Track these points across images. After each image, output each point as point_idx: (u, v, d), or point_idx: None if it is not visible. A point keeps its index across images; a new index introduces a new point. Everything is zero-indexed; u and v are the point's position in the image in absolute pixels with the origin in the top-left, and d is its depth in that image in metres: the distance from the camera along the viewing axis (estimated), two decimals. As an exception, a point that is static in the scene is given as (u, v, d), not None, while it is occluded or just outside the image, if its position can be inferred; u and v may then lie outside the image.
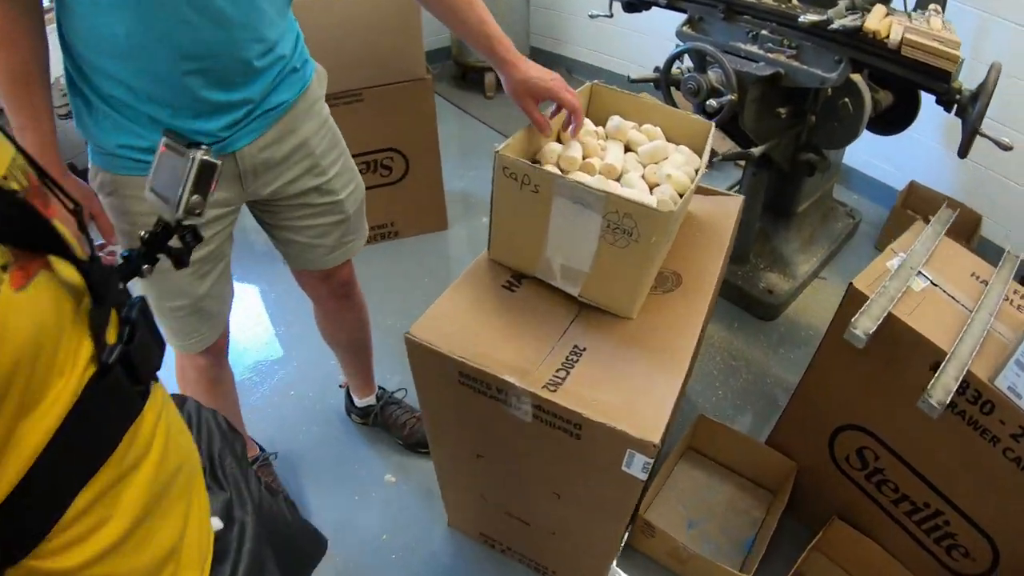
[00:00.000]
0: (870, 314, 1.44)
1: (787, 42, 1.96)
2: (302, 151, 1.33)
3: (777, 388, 2.27)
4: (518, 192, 1.27)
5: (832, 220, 2.79)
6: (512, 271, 1.42)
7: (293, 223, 1.43)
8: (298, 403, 2.24)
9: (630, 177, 1.36)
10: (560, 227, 1.27)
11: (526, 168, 1.23)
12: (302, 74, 1.30)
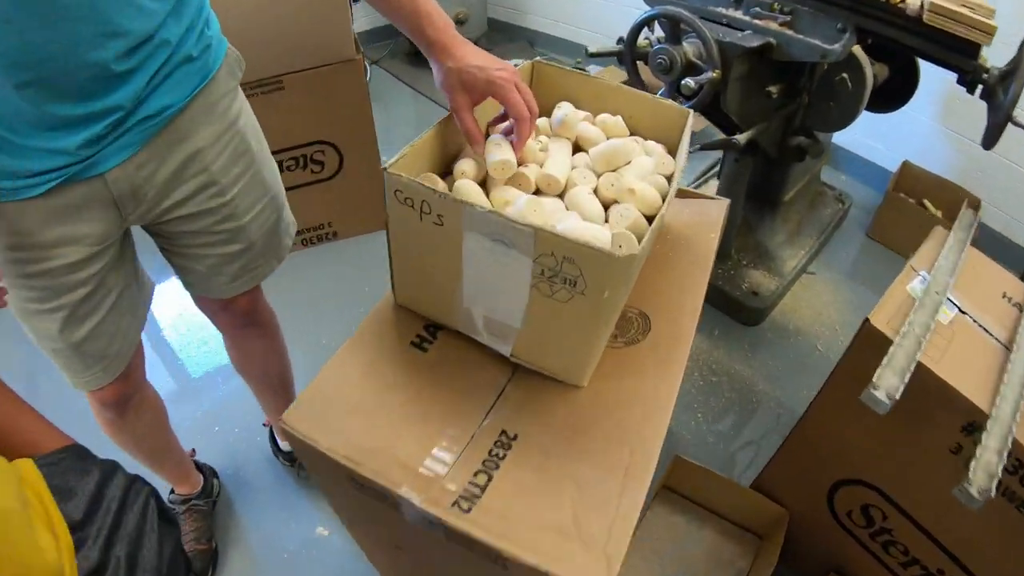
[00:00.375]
0: (894, 366, 1.07)
1: (778, 6, 1.52)
2: (195, 165, 1.02)
3: (764, 407, 1.89)
4: (418, 224, 0.88)
5: (820, 206, 2.38)
6: (425, 319, 1.02)
7: (187, 251, 1.14)
8: (222, 441, 1.86)
9: (577, 194, 0.95)
10: (477, 272, 0.88)
11: (424, 193, 0.84)
12: (202, 64, 0.99)
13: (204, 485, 1.65)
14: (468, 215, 0.82)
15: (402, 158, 0.90)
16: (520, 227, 0.79)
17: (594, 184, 1.00)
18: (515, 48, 3.67)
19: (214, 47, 1.01)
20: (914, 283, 1.28)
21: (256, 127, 1.17)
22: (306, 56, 1.87)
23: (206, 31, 0.99)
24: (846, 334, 2.11)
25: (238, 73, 1.10)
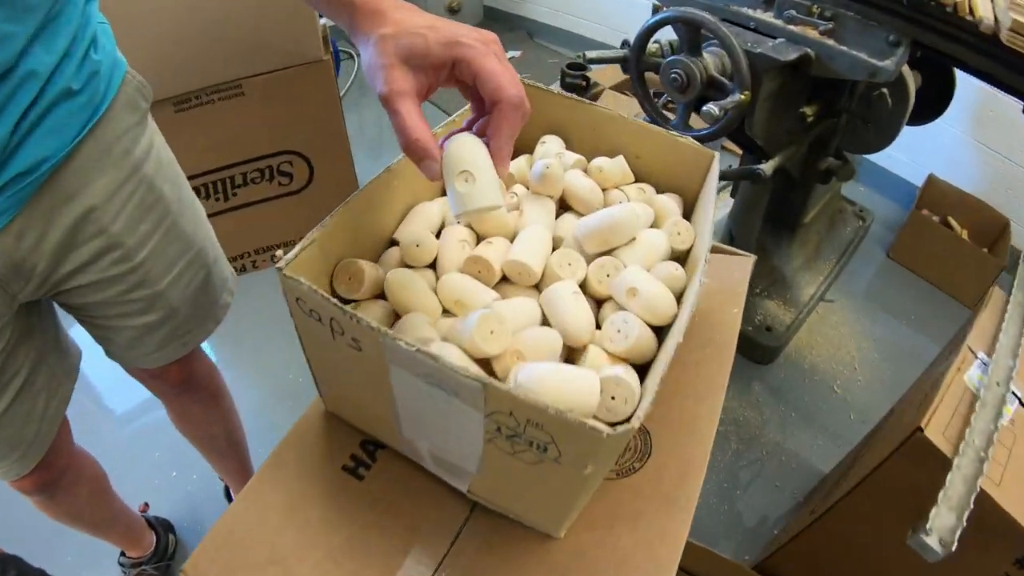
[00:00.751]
0: (952, 500, 0.87)
1: (818, 9, 1.18)
2: (90, 227, 0.75)
3: (774, 460, 1.59)
4: (331, 341, 0.57)
5: (840, 224, 2.05)
6: (362, 434, 0.73)
7: (101, 322, 0.89)
8: (179, 489, 1.58)
9: (558, 296, 0.64)
10: (414, 410, 0.59)
11: (330, 309, 0.54)
12: (88, 98, 0.71)
13: (157, 546, 1.40)
14: (389, 349, 0.52)
15: (310, 246, 0.60)
16: (462, 379, 0.48)
17: (582, 274, 0.68)
18: (513, 38, 3.30)
19: (104, 74, 0.72)
20: (972, 371, 1.03)
21: (172, 167, 0.88)
22: (267, 58, 1.54)
23: (92, 55, 0.70)
24: (865, 373, 1.80)
25: (143, 104, 0.80)
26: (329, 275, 0.69)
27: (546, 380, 0.55)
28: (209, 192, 1.70)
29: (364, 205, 0.70)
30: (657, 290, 0.65)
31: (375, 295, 0.70)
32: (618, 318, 0.64)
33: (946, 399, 0.99)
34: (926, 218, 2.15)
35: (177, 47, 1.47)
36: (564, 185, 0.76)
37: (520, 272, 0.67)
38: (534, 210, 0.73)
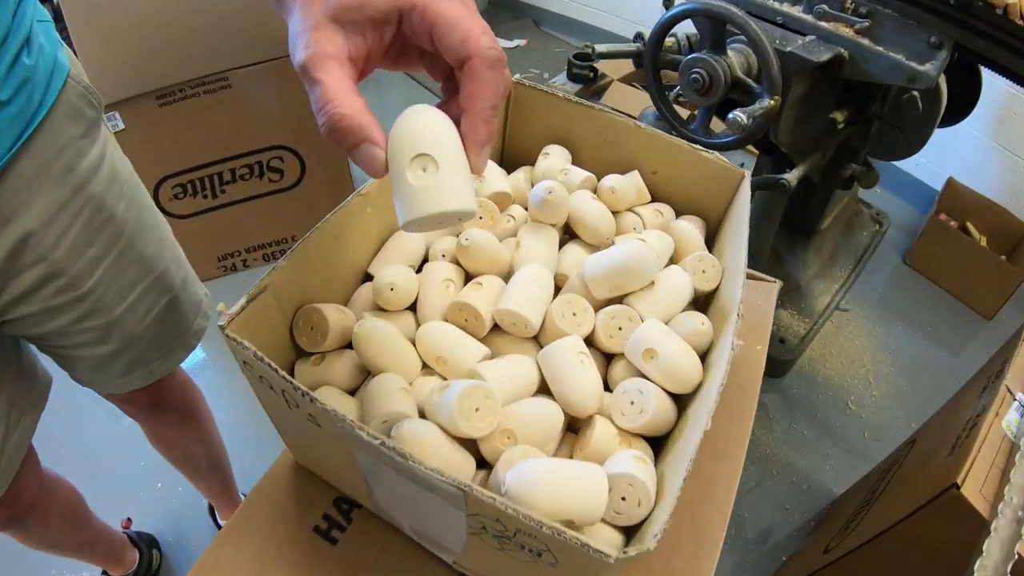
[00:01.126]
0: (986, 571, 0.73)
1: (852, 4, 1.03)
2: (28, 254, 0.63)
3: (783, 482, 1.46)
4: (288, 411, 0.43)
5: (857, 229, 1.90)
6: (336, 490, 0.61)
7: (57, 351, 0.77)
8: (164, 503, 1.45)
9: (559, 355, 0.52)
10: (388, 491, 0.46)
11: (279, 381, 0.41)
12: (20, 109, 0.58)
13: (140, 563, 1.29)
14: (351, 437, 0.39)
15: (260, 295, 0.47)
16: (437, 482, 0.35)
17: (590, 327, 0.54)
18: (519, 26, 3.11)
19: (40, 81, 0.59)
20: (1011, 415, 0.91)
21: (130, 183, 0.75)
22: (255, 48, 1.40)
23: (23, 59, 0.57)
24: (880, 388, 1.67)
25: (89, 112, 0.67)
26: (288, 323, 0.55)
27: (542, 484, 0.42)
28: (196, 189, 1.56)
29: (328, 239, 0.56)
30: (680, 353, 0.51)
31: (344, 344, 0.57)
32: (632, 387, 0.51)
33: (983, 450, 0.88)
34: (944, 224, 1.99)
35: (158, 38, 1.32)
36: (570, 209, 0.63)
37: (515, 323, 0.54)
38: (533, 243, 0.59)
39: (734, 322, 0.53)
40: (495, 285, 0.56)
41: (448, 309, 0.55)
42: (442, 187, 0.36)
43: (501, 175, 0.69)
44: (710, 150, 0.70)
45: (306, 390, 0.43)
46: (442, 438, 0.46)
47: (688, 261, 0.62)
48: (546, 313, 0.54)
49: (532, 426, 0.48)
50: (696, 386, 0.53)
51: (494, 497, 0.39)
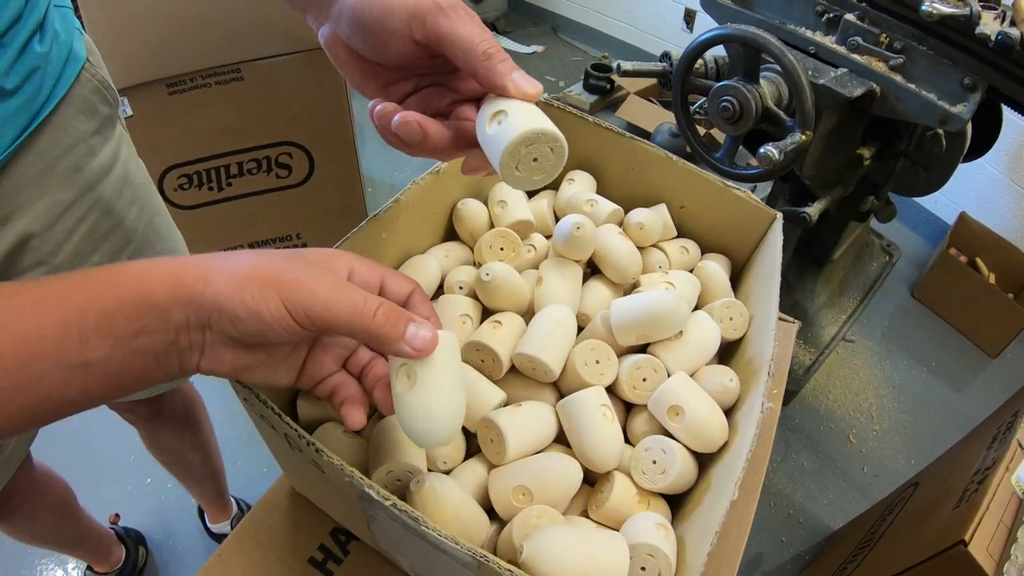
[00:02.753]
0: None
1: (887, 39, 1.00)
2: (28, 257, 0.58)
3: (781, 514, 1.43)
4: (290, 451, 0.39)
5: (867, 259, 1.87)
6: (333, 522, 0.58)
7: None
8: (152, 498, 1.41)
9: (580, 408, 0.49)
10: (392, 539, 0.42)
11: (281, 425, 0.37)
12: (26, 100, 0.53)
13: (126, 561, 1.26)
14: (360, 493, 0.36)
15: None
16: (451, 548, 0.32)
17: (613, 375, 0.51)
18: (537, 32, 3.08)
19: (52, 70, 0.55)
20: (1021, 471, 0.89)
21: (144, 189, 0.71)
22: (270, 42, 1.36)
23: (35, 45, 0.53)
24: (882, 423, 1.64)
25: (103, 108, 0.63)
26: (292, 353, 0.52)
27: (563, 555, 0.38)
28: (202, 181, 1.52)
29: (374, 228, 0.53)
30: (707, 413, 0.48)
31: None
32: (655, 445, 0.48)
33: (992, 507, 0.85)
34: (954, 259, 1.97)
35: (172, 25, 1.28)
36: (596, 246, 0.59)
37: (535, 368, 0.51)
38: (557, 281, 0.56)
39: (764, 381, 0.50)
40: (515, 325, 0.53)
41: (464, 348, 0.52)
42: (519, 119, 0.38)
43: (523, 201, 0.66)
44: (742, 187, 0.67)
45: (311, 439, 0.40)
46: (462, 496, 0.43)
47: (716, 308, 0.59)
48: (568, 359, 0.51)
49: (549, 484, 0.45)
50: (721, 445, 0.50)
51: (511, 570, 0.36)
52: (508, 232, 0.59)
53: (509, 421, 0.47)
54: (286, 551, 0.59)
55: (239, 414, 1.52)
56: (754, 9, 1.15)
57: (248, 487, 1.37)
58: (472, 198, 0.64)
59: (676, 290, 0.57)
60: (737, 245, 0.70)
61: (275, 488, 0.64)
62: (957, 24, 0.96)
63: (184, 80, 1.38)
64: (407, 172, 2.24)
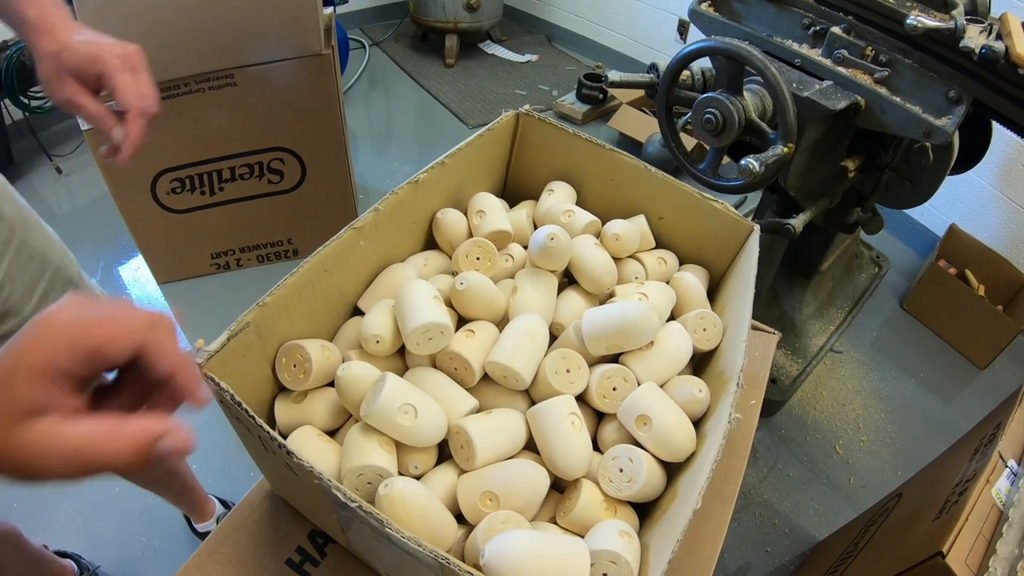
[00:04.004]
0: None
1: (872, 52, 1.02)
2: None
3: (767, 524, 1.44)
4: (265, 454, 0.40)
5: (856, 271, 1.89)
6: (311, 524, 0.59)
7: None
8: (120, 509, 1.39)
9: (549, 415, 0.51)
10: (364, 541, 0.43)
11: (258, 429, 0.39)
12: None
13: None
14: (329, 495, 0.37)
15: (242, 332, 0.45)
16: (414, 549, 0.33)
17: (583, 384, 0.52)
18: (532, 41, 3.09)
19: None
20: (1000, 483, 0.89)
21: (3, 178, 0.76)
22: (263, 48, 1.37)
23: None
24: (869, 433, 1.64)
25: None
26: (271, 359, 0.53)
27: (523, 559, 0.39)
28: (195, 185, 1.53)
29: (318, 273, 0.54)
30: (675, 423, 0.49)
31: (326, 382, 0.55)
32: (623, 454, 0.49)
33: (971, 518, 0.86)
34: (943, 271, 1.98)
35: (166, 30, 1.30)
36: (571, 255, 0.60)
37: (506, 376, 0.51)
38: (531, 291, 0.57)
39: (733, 392, 0.51)
40: (488, 334, 0.53)
41: (438, 356, 0.52)
42: None
43: (502, 211, 0.67)
44: (720, 200, 0.68)
45: (283, 442, 0.41)
46: (429, 500, 0.44)
47: (690, 318, 0.60)
48: (539, 367, 0.52)
49: (516, 490, 0.46)
50: (688, 455, 0.51)
51: (471, 572, 0.37)
52: (484, 242, 0.60)
53: (479, 428, 0.48)
54: (264, 552, 0.60)
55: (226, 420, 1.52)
56: (742, 21, 1.17)
57: (236, 488, 1.37)
58: (452, 208, 0.65)
59: (649, 301, 0.58)
60: (715, 256, 0.71)
61: (255, 490, 0.65)
62: (942, 37, 0.97)
63: (178, 85, 1.39)
64: (399, 179, 2.24)
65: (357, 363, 0.51)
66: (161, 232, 1.61)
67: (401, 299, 0.52)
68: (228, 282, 1.78)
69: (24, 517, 1.34)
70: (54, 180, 2.22)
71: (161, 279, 1.73)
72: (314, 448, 0.51)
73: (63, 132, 2.41)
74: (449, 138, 2.53)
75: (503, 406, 0.52)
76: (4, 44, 1.93)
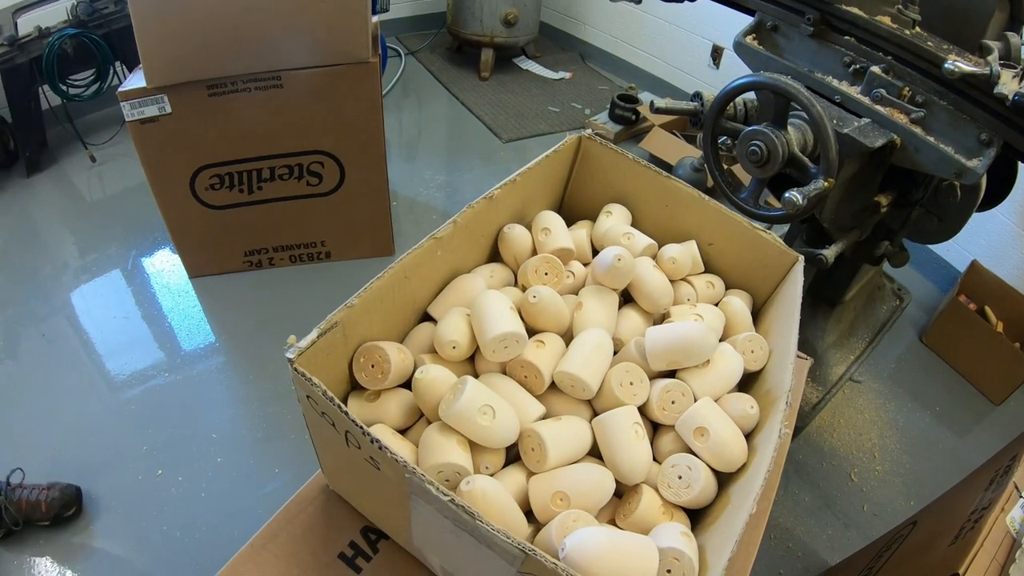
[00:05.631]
0: None
1: (909, 92, 1.07)
2: None
3: (780, 547, 1.48)
4: (344, 448, 0.45)
5: (878, 302, 1.93)
6: (365, 520, 0.63)
7: None
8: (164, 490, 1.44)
9: (614, 424, 0.56)
10: (432, 534, 0.48)
11: (345, 422, 0.44)
12: None
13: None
14: (415, 487, 0.41)
15: (331, 330, 0.49)
16: (500, 540, 0.38)
17: (644, 397, 0.57)
18: (566, 59, 3.16)
19: None
20: (1015, 512, 0.94)
21: None
22: (312, 52, 1.43)
23: None
24: (885, 463, 1.68)
25: None
26: (349, 357, 0.58)
27: (600, 553, 0.44)
28: (233, 182, 1.59)
29: (399, 279, 0.59)
30: (730, 435, 0.54)
31: (400, 383, 0.60)
32: (682, 462, 0.53)
33: (986, 544, 0.90)
34: (963, 306, 2.02)
35: (218, 29, 1.35)
36: (632, 276, 0.65)
37: (574, 385, 0.56)
38: (597, 307, 0.62)
39: (782, 410, 0.55)
40: (556, 345, 0.58)
41: (510, 364, 0.57)
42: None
43: (564, 229, 0.72)
44: (768, 230, 0.73)
45: (375, 436, 0.45)
46: (507, 498, 0.49)
47: (739, 340, 0.64)
48: (604, 379, 0.57)
49: (585, 491, 0.51)
50: (740, 466, 0.55)
51: (556, 563, 0.41)
52: (552, 258, 0.65)
53: (550, 432, 0.52)
54: (317, 545, 0.64)
55: (255, 415, 1.56)
56: (784, 56, 1.22)
57: (260, 485, 1.42)
58: (517, 223, 0.70)
59: (704, 322, 0.62)
60: (759, 283, 0.76)
61: (310, 485, 0.69)
62: (977, 82, 1.02)
63: (225, 83, 1.45)
64: (431, 188, 2.31)
65: (435, 367, 0.56)
66: (196, 226, 1.66)
67: (478, 308, 0.57)
68: (259, 280, 1.84)
69: None
70: (87, 168, 2.29)
71: (193, 273, 1.78)
72: (390, 445, 0.56)
73: (99, 121, 2.48)
74: (480, 150, 2.59)
75: (567, 414, 0.57)
76: (46, 31, 1.99)
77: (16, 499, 1.31)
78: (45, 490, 1.33)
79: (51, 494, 1.33)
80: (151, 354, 1.68)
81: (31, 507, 1.31)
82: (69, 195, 2.21)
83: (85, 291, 1.84)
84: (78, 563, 1.30)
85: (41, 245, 2.00)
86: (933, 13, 1.12)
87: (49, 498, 1.33)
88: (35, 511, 1.31)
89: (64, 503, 1.34)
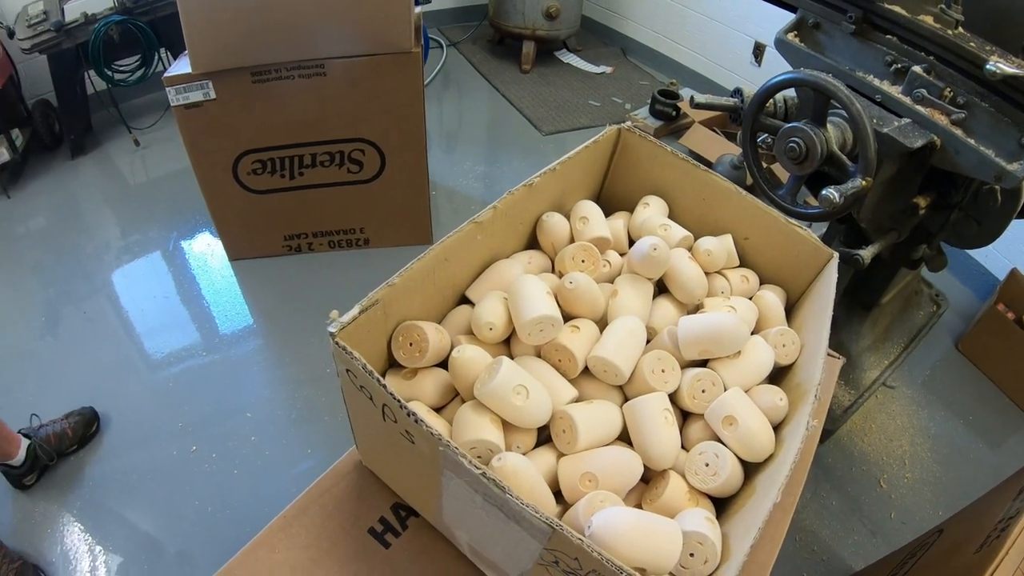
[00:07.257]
0: None
1: (951, 93, 1.06)
2: None
3: (805, 551, 1.48)
4: (380, 422, 0.47)
5: (914, 308, 1.90)
6: (396, 496, 0.65)
7: None
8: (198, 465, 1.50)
9: (646, 408, 0.57)
10: (462, 509, 0.50)
11: (383, 395, 0.45)
12: None
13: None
14: (449, 460, 0.44)
15: (372, 307, 0.51)
16: (529, 515, 0.40)
17: (675, 384, 0.58)
18: (607, 53, 3.16)
19: None
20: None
21: None
22: (355, 42, 1.46)
23: None
24: (914, 471, 1.66)
25: None
26: (388, 335, 0.60)
27: (626, 532, 0.46)
28: (275, 167, 1.63)
29: (439, 261, 0.61)
30: (758, 425, 0.55)
31: (436, 363, 0.62)
32: (709, 450, 0.55)
33: (1012, 553, 0.89)
34: (1001, 315, 1.98)
35: (264, 17, 1.39)
36: (667, 266, 0.67)
37: (607, 371, 0.58)
38: (632, 295, 0.63)
39: (811, 403, 0.56)
40: (591, 330, 0.60)
41: (545, 348, 0.59)
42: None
43: (602, 219, 0.73)
44: (804, 226, 0.73)
45: (412, 410, 0.47)
46: (537, 476, 0.51)
47: (771, 334, 0.65)
48: (636, 365, 0.58)
49: (614, 473, 0.52)
50: (767, 457, 0.56)
51: (582, 538, 0.43)
52: (589, 246, 0.66)
53: (582, 415, 0.54)
54: (347, 519, 0.67)
55: (287, 396, 1.60)
56: (825, 54, 1.21)
57: (292, 464, 1.46)
58: (556, 211, 0.72)
59: (737, 314, 0.63)
60: (793, 278, 0.77)
61: (344, 461, 0.72)
62: (1019, 84, 1.00)
63: (269, 70, 1.49)
64: (470, 179, 2.34)
65: (471, 347, 0.58)
66: (238, 210, 1.71)
67: (516, 292, 0.58)
68: (297, 264, 1.88)
69: None
70: (131, 151, 2.36)
71: (233, 256, 1.84)
72: (425, 419, 0.58)
73: (144, 105, 2.55)
74: (520, 142, 2.61)
75: (598, 398, 0.59)
76: (92, 17, 2.05)
77: (44, 436, 1.42)
78: (64, 420, 1.46)
79: (71, 420, 1.46)
80: (189, 334, 1.73)
81: (59, 439, 1.43)
82: (112, 177, 2.28)
83: (126, 271, 1.91)
84: (110, 534, 1.36)
85: (84, 226, 2.07)
86: (976, 13, 1.11)
87: (72, 424, 1.45)
88: (63, 440, 1.43)
89: (86, 422, 1.47)
